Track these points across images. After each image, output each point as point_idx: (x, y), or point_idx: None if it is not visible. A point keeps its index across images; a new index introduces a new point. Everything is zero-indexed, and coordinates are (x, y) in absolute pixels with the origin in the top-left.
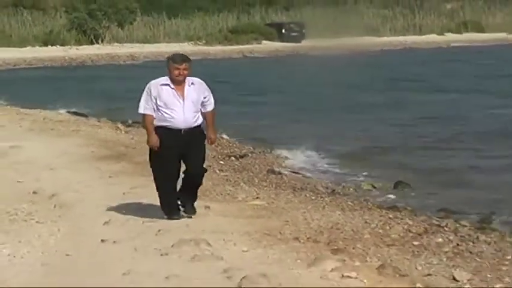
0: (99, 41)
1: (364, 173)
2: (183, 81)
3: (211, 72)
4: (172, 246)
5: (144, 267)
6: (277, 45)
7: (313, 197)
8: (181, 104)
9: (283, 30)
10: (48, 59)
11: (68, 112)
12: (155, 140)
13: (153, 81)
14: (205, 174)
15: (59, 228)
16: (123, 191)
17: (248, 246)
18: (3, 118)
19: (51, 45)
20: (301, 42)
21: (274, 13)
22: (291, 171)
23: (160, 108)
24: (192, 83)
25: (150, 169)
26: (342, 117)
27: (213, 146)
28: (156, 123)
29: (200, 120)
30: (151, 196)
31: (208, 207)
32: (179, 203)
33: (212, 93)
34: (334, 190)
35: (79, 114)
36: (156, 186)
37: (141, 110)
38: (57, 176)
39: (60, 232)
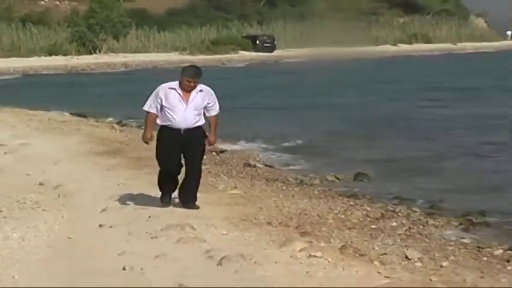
0: (97, 51)
1: (328, 166)
2: (193, 88)
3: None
4: (161, 230)
5: (137, 248)
6: (252, 54)
7: (283, 187)
8: (184, 108)
9: (257, 42)
10: (52, 67)
11: (70, 113)
12: (148, 136)
13: (163, 85)
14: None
15: (62, 215)
16: (118, 182)
17: (227, 229)
18: (14, 119)
19: (55, 55)
20: (273, 52)
21: (250, 27)
22: (264, 165)
23: (165, 108)
24: (201, 90)
25: (156, 160)
26: (307, 115)
27: None
28: (161, 122)
29: (201, 121)
30: (142, 187)
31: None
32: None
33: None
34: (302, 181)
35: (79, 115)
36: (158, 174)
37: (145, 108)
38: (60, 169)
39: (64, 218)
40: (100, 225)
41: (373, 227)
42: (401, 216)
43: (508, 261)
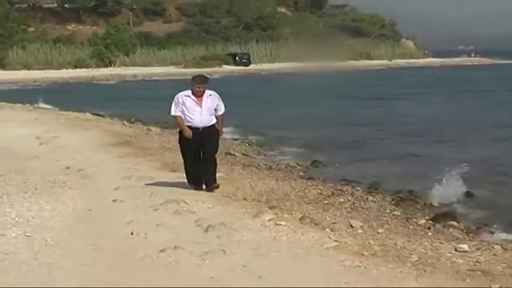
0: (112, 65)
1: (290, 155)
2: (202, 94)
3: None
4: (160, 204)
5: (142, 218)
6: (232, 68)
7: (256, 171)
8: (200, 110)
9: (237, 58)
10: (77, 78)
11: (91, 113)
12: (188, 132)
13: (179, 93)
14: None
15: (84, 192)
16: (128, 167)
17: (212, 204)
18: (47, 117)
19: (79, 68)
20: (248, 66)
21: (231, 46)
22: (241, 154)
23: (185, 112)
24: (210, 95)
25: (180, 152)
26: (276, 115)
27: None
28: (187, 121)
29: (214, 120)
30: (146, 170)
31: (185, 177)
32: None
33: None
34: (271, 166)
35: (98, 115)
36: (184, 165)
37: (172, 113)
38: (83, 157)
39: (85, 195)
40: (113, 200)
41: (325, 202)
42: (347, 193)
43: (429, 229)
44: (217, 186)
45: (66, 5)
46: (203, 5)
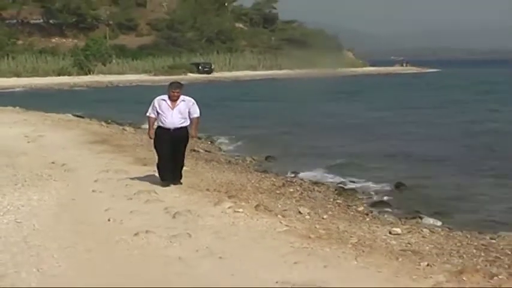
0: (91, 73)
1: (247, 150)
2: (177, 99)
3: (157, 92)
4: (134, 194)
5: (118, 206)
6: (196, 76)
7: (217, 165)
8: (171, 113)
9: (200, 67)
10: (60, 84)
11: (72, 115)
12: (151, 133)
13: (157, 97)
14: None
15: (67, 184)
16: (105, 162)
17: (179, 194)
18: (34, 118)
19: (62, 76)
20: (210, 74)
21: (195, 57)
22: (204, 150)
23: (159, 114)
24: (183, 100)
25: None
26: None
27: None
28: (157, 124)
29: (187, 122)
30: (121, 165)
31: (154, 171)
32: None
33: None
34: (230, 161)
35: (78, 116)
36: (157, 162)
37: (147, 114)
38: (66, 153)
39: (68, 186)
40: (93, 191)
41: (277, 192)
42: (296, 185)
43: (367, 215)
44: (181, 184)
45: (50, 21)
46: (170, 21)
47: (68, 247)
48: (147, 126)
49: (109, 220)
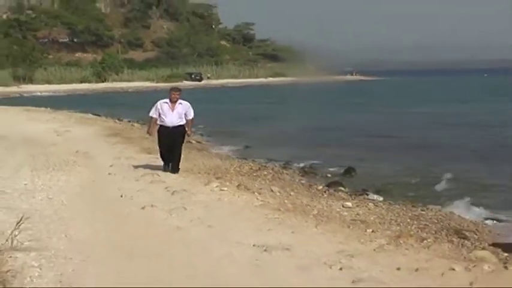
0: (106, 81)
1: (229, 141)
2: (176, 101)
3: (158, 95)
4: (141, 176)
5: (128, 185)
6: (190, 83)
7: (206, 154)
8: (171, 113)
9: (192, 76)
10: (82, 90)
11: (92, 114)
12: (151, 131)
13: (160, 101)
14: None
15: (88, 168)
16: (118, 150)
17: (177, 176)
18: (61, 117)
19: (84, 83)
20: (201, 82)
21: (188, 68)
22: (196, 141)
23: (161, 114)
24: (180, 103)
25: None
26: (218, 112)
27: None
28: (158, 123)
29: (183, 122)
30: (131, 153)
31: (159, 158)
32: (169, 167)
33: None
34: (217, 151)
35: (97, 115)
36: (159, 153)
37: (150, 114)
38: (87, 144)
39: (89, 170)
40: (109, 174)
41: (254, 174)
42: (269, 168)
43: (325, 192)
44: (177, 172)
45: (74, 40)
46: (169, 40)
47: (88, 218)
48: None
49: (121, 196)
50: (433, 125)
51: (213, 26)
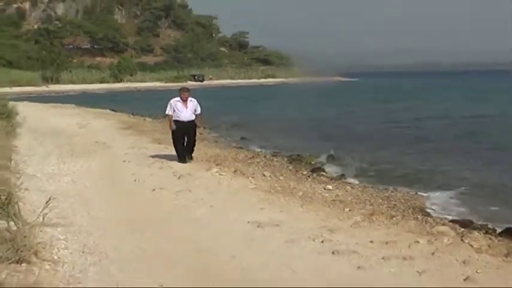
0: (122, 81)
1: (227, 133)
2: (187, 99)
3: (166, 94)
4: (152, 163)
5: (141, 171)
6: (193, 83)
7: (207, 143)
8: (185, 110)
9: (196, 77)
10: (101, 89)
11: (109, 109)
12: (173, 127)
13: (173, 99)
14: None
15: (106, 156)
16: (132, 141)
17: (183, 163)
18: (83, 112)
19: (103, 83)
20: (203, 82)
21: (193, 70)
22: (198, 133)
23: (175, 111)
24: (191, 100)
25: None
26: (216, 107)
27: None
28: (174, 118)
29: (193, 117)
30: (143, 143)
31: (167, 148)
32: (186, 157)
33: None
34: (216, 140)
35: (113, 110)
36: (174, 145)
37: (166, 112)
38: (105, 135)
39: (107, 157)
40: (124, 161)
41: (249, 161)
42: (261, 156)
43: (309, 177)
44: (191, 160)
45: (95, 46)
46: (176, 46)
47: (107, 198)
48: (160, 116)
49: (135, 180)
50: (399, 119)
51: (213, 35)
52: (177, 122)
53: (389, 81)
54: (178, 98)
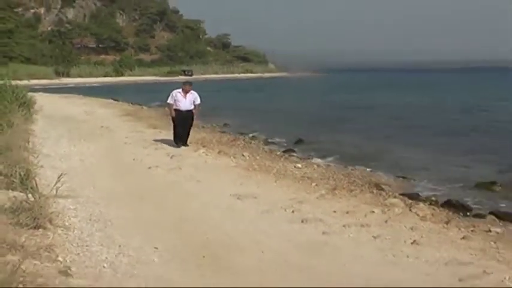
0: (123, 75)
1: (213, 120)
2: (188, 92)
3: (161, 86)
4: (148, 145)
5: (138, 152)
6: (183, 77)
7: (196, 128)
8: (184, 101)
9: (185, 72)
10: (105, 82)
11: (112, 99)
12: (174, 114)
13: (175, 90)
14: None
15: (110, 139)
16: (131, 126)
17: (174, 145)
18: (90, 102)
19: (107, 77)
20: (191, 76)
21: (183, 66)
22: None
23: (176, 101)
24: (191, 93)
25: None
26: (207, 98)
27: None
28: (174, 107)
29: (192, 107)
30: (141, 128)
31: (161, 132)
32: (180, 143)
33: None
34: (203, 126)
35: (116, 100)
36: (173, 130)
37: (168, 101)
38: (108, 121)
39: (110, 140)
40: (124, 143)
41: (231, 143)
42: (242, 139)
43: (281, 157)
44: (187, 145)
45: (100, 45)
46: (169, 45)
47: (110, 174)
48: (156, 105)
49: (134, 159)
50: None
51: (201, 36)
52: (176, 110)
53: (353, 76)
54: (180, 90)
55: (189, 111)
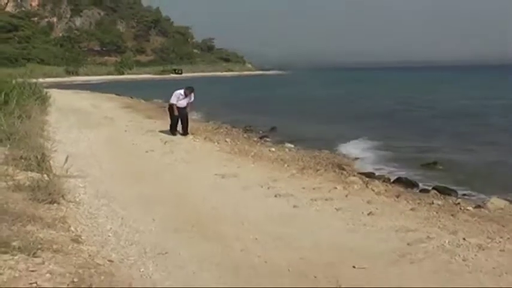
0: (124, 74)
1: (208, 117)
2: (189, 94)
3: (156, 84)
4: (145, 132)
5: (137, 138)
6: (174, 75)
7: (191, 124)
8: (184, 100)
9: (176, 71)
10: (108, 79)
11: (115, 94)
12: (176, 111)
13: (178, 91)
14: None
15: (112, 128)
16: (131, 117)
17: (167, 133)
18: (94, 96)
19: (109, 75)
20: (181, 74)
21: (173, 65)
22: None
23: (178, 99)
24: (190, 95)
25: (168, 116)
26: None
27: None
28: (176, 104)
29: (186, 104)
30: (140, 118)
31: (156, 122)
32: (176, 132)
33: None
34: (192, 118)
35: (118, 95)
36: (170, 123)
37: (171, 102)
38: (111, 112)
39: (112, 129)
40: (125, 131)
41: (214, 131)
42: (224, 127)
43: (258, 142)
44: (187, 134)
45: (103, 48)
46: (162, 48)
47: (113, 157)
48: (154, 100)
49: (133, 144)
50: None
51: (189, 40)
52: (177, 107)
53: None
54: (181, 91)
55: (185, 108)
